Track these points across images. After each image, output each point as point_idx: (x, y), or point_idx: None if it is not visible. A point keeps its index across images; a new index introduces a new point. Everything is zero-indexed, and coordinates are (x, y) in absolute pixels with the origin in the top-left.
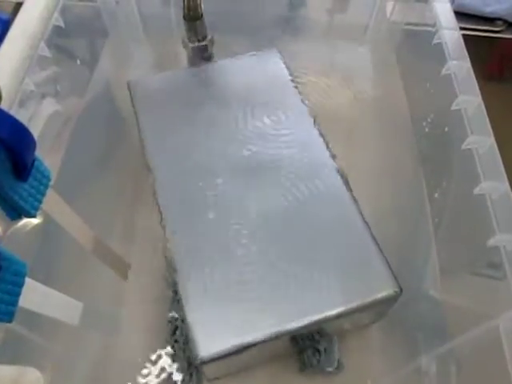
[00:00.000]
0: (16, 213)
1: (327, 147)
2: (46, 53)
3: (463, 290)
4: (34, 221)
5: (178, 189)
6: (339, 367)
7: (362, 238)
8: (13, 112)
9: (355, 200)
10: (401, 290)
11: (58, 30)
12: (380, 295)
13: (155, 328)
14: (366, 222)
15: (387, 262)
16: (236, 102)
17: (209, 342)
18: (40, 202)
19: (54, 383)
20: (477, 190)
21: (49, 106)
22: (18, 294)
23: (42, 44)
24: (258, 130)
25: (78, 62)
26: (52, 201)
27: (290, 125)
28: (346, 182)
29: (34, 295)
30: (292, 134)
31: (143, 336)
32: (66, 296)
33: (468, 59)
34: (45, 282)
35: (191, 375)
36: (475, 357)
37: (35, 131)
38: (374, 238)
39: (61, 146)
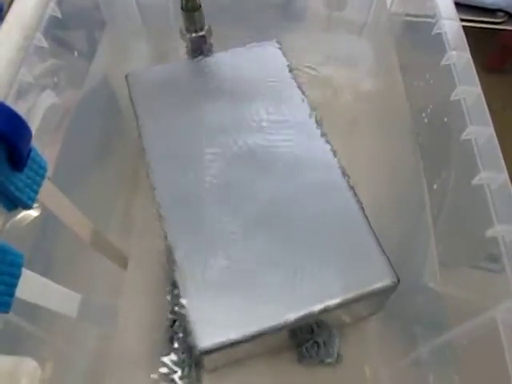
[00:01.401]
0: (12, 204)
1: (326, 139)
2: (44, 44)
3: (462, 282)
4: (33, 213)
5: (175, 180)
6: (338, 359)
7: (360, 229)
8: (9, 103)
9: (353, 191)
10: (398, 280)
11: (55, 21)
12: (377, 286)
13: (154, 320)
14: (364, 214)
15: (385, 253)
16: (235, 94)
17: (208, 333)
18: (36, 192)
19: (53, 374)
20: (475, 180)
21: (47, 99)
22: (14, 285)
23: (39, 35)
24: (256, 121)
25: (76, 53)
26: (49, 192)
27: (288, 117)
28: (344, 173)
29: (32, 286)
30: (291, 126)
31: (142, 328)
32: (64, 288)
33: (468, 49)
34: (43, 274)
35: (191, 367)
36: (473, 348)
37: (34, 124)
38: (372, 229)
39: (59, 138)
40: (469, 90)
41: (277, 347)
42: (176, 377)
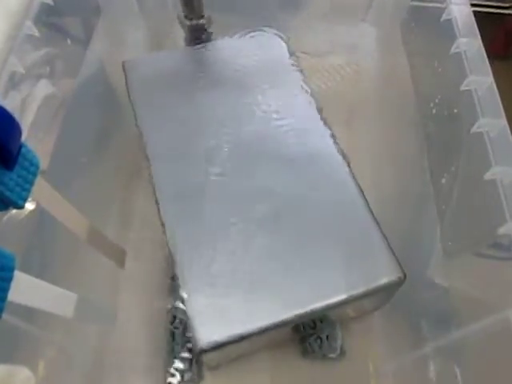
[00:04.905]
0: (3, 204)
1: (329, 129)
2: (34, 32)
3: (469, 278)
4: (28, 211)
5: (175, 173)
6: (341, 354)
7: (366, 223)
8: None
9: (358, 185)
10: (405, 275)
11: (46, 8)
12: (384, 281)
13: (154, 316)
14: (369, 208)
15: (391, 248)
16: (234, 83)
17: (208, 331)
18: (28, 191)
19: (52, 371)
20: (488, 175)
21: (42, 89)
22: (6, 289)
23: (29, 23)
24: (256, 111)
25: (70, 41)
26: (42, 190)
27: (290, 106)
28: (349, 166)
29: (25, 289)
30: (292, 116)
31: (142, 325)
32: (59, 288)
33: (479, 36)
34: (39, 273)
35: (191, 364)
36: (481, 347)
37: (29, 115)
38: (377, 224)
39: (55, 129)
40: (480, 79)
41: (280, 343)
42: (177, 374)
